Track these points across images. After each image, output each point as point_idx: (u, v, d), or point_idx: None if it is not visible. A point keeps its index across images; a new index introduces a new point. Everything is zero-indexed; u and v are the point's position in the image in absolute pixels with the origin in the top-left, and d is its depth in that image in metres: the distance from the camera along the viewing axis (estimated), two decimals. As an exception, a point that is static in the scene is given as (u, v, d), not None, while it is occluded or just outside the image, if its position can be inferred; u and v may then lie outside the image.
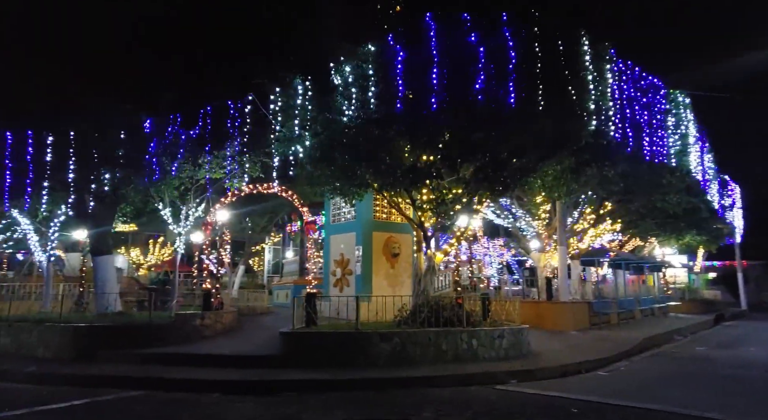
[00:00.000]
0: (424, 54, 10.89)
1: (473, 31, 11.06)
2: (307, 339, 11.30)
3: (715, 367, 12.50)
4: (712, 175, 26.29)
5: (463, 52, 10.93)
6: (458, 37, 11.01)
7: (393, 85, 10.71)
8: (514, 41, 11.11)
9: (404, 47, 10.95)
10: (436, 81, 10.63)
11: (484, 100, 10.62)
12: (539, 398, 8.92)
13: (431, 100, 10.55)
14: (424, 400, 8.71)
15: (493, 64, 10.88)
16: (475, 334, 12.12)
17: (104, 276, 16.04)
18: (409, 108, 10.61)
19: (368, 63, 11.02)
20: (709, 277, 53.38)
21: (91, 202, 14.25)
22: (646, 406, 8.18)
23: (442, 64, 10.83)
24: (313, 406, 8.29)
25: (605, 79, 13.32)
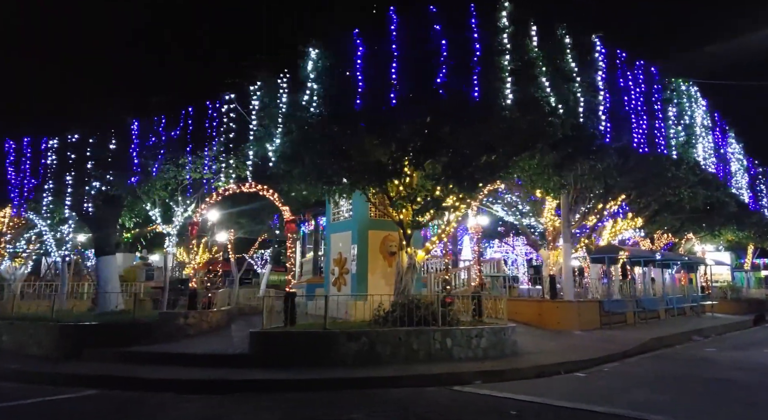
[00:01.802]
0: (386, 48, 10.71)
1: (437, 23, 10.79)
2: (274, 339, 11.31)
3: (710, 369, 11.78)
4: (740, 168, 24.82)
5: (426, 45, 10.69)
6: (422, 30, 10.77)
7: (354, 80, 10.57)
8: (480, 33, 10.78)
9: (366, 41, 10.80)
10: (395, 75, 10.44)
11: (447, 93, 10.33)
12: (488, 399, 8.62)
13: (391, 94, 10.35)
14: (371, 400, 8.55)
15: (456, 57, 10.58)
16: (450, 334, 11.83)
17: (107, 275, 16.58)
18: (370, 103, 10.45)
19: (329, 58, 10.93)
20: (762, 276, 50.66)
21: (87, 204, 14.70)
22: (594, 409, 7.77)
23: (405, 58, 10.64)
24: (254, 406, 8.25)
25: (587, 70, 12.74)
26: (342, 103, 10.60)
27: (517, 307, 18.57)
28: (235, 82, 13.13)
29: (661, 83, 16.55)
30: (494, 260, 28.75)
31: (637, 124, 15.10)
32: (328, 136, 10.77)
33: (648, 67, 16.22)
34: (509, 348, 12.74)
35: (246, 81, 12.93)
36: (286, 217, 13.09)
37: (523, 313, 18.16)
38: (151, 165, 13.53)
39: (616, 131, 13.99)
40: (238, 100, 13.26)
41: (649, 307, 21.97)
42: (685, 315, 25.94)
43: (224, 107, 13.72)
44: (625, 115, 14.60)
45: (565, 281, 17.82)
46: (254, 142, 12.72)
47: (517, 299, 19.59)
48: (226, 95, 13.65)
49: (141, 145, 13.81)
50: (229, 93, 13.58)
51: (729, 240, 41.16)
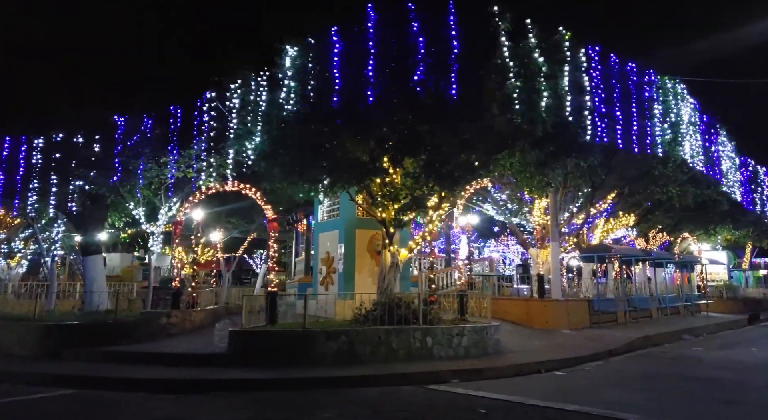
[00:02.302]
0: (364, 45, 10.67)
1: (415, 21, 10.74)
2: (253, 338, 11.26)
3: (693, 368, 11.72)
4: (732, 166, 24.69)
5: (404, 43, 10.64)
6: (399, 28, 10.72)
7: (332, 78, 10.52)
8: (458, 31, 10.72)
9: (344, 39, 10.75)
10: (373, 73, 10.39)
11: (424, 91, 10.28)
12: (460, 398, 8.56)
13: (368, 92, 10.30)
14: (344, 400, 8.50)
15: (434, 55, 10.52)
16: (431, 332, 11.77)
17: (93, 275, 16.55)
18: (347, 100, 10.41)
19: (307, 55, 10.88)
20: (760, 275, 50.48)
21: (71, 203, 14.68)
22: (564, 408, 7.72)
23: (382, 56, 10.59)
24: (225, 406, 8.21)
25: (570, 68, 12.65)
26: (319, 101, 10.56)
27: (506, 306, 18.52)
28: (217, 81, 13.10)
29: (647, 81, 16.45)
30: (487, 259, 28.76)
31: (622, 121, 15.01)
32: (306, 133, 10.72)
33: (633, 65, 16.13)
34: (492, 347, 12.68)
35: (227, 79, 12.89)
36: (268, 216, 13.04)
37: (511, 312, 18.10)
38: (132, 163, 13.50)
39: (599, 129, 13.90)
40: (221, 98, 13.23)
41: (640, 306, 21.85)
42: (679, 314, 25.80)
43: (206, 105, 13.68)
44: (608, 113, 14.50)
45: (553, 280, 17.75)
46: (234, 141, 12.68)
47: (506, 298, 19.52)
48: (207, 93, 13.61)
49: (123, 143, 13.78)
50: (211, 91, 13.54)
51: (727, 239, 41.05)
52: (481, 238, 38.57)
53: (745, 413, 7.67)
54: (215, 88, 13.51)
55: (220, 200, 17.58)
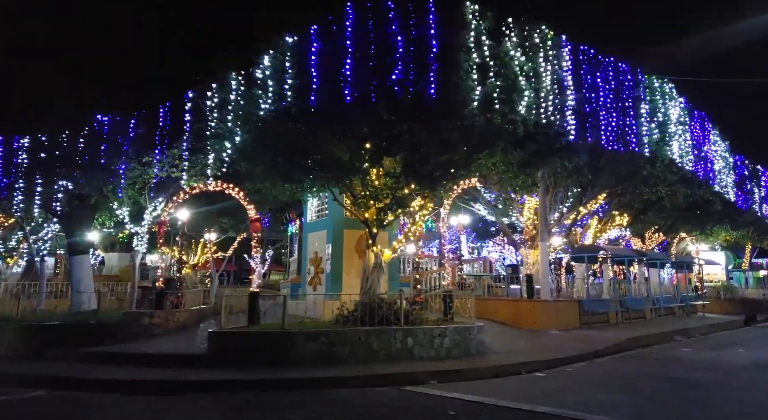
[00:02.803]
0: (342, 45, 10.61)
1: (394, 20, 10.68)
2: (232, 339, 11.21)
3: (676, 369, 11.62)
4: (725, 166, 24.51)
5: (382, 42, 10.58)
6: (378, 27, 10.66)
7: (309, 77, 10.47)
8: (438, 30, 10.66)
9: (322, 38, 10.70)
10: (350, 72, 10.33)
11: (402, 91, 10.22)
12: (433, 400, 8.50)
13: (346, 91, 10.25)
14: (316, 401, 8.45)
15: (413, 54, 10.46)
16: (412, 333, 11.71)
17: (80, 275, 16.53)
18: (325, 100, 10.35)
19: (285, 55, 10.84)
20: (760, 275, 50.22)
21: (56, 203, 14.66)
22: (535, 409, 7.64)
23: (361, 55, 10.53)
24: (196, 407, 8.18)
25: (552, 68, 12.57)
26: (297, 100, 10.50)
27: (495, 306, 18.45)
28: (199, 80, 13.05)
29: (633, 80, 16.34)
30: (481, 259, 28.68)
31: (607, 121, 14.91)
32: (285, 133, 10.67)
33: (619, 64, 16.01)
34: (475, 347, 12.60)
35: (209, 78, 12.84)
36: (250, 216, 13.00)
37: (500, 312, 18.02)
38: (115, 163, 13.46)
39: (583, 129, 13.81)
40: (203, 98, 13.19)
41: (632, 307, 21.71)
42: (674, 315, 25.67)
43: (188, 105, 13.64)
44: (592, 113, 14.41)
45: (542, 280, 17.65)
46: (213, 141, 12.63)
47: (495, 299, 19.45)
48: (190, 93, 13.57)
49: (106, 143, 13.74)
50: (193, 91, 13.50)
51: (727, 239, 40.85)
52: (478, 239, 38.48)
53: (716, 414, 7.58)
54: (197, 88, 13.46)
55: (209, 200, 17.55)
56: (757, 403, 8.29)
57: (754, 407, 7.99)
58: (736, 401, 8.30)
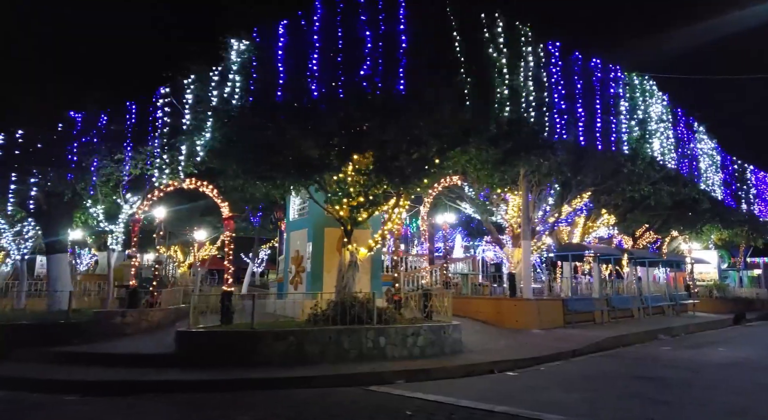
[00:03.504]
0: (310, 39, 10.46)
1: (363, 15, 10.53)
2: (200, 338, 11.06)
3: (649, 367, 11.52)
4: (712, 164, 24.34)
5: (351, 37, 10.43)
6: (347, 22, 10.51)
7: (276, 72, 10.31)
8: (407, 25, 10.51)
9: (291, 33, 10.55)
10: (318, 67, 10.18)
11: (370, 86, 10.07)
12: (394, 399, 8.37)
13: (313, 86, 10.10)
14: (274, 401, 8.32)
15: (382, 50, 10.31)
16: (384, 332, 11.56)
17: (56, 274, 16.35)
18: (292, 95, 10.20)
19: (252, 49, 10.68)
20: (755, 274, 50.12)
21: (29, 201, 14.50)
22: (493, 409, 7.51)
23: (329, 50, 10.38)
24: (151, 408, 8.05)
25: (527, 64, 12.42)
26: (264, 96, 10.35)
27: (478, 305, 18.33)
28: (170, 76, 12.89)
29: (613, 77, 16.18)
30: (470, 258, 28.53)
31: (584, 118, 14.75)
32: (252, 130, 10.52)
33: (597, 61, 15.85)
34: (450, 346, 12.46)
35: (181, 74, 12.68)
36: (224, 214, 12.85)
37: (483, 311, 17.89)
38: (86, 160, 13.29)
39: (558, 126, 13.66)
40: (175, 94, 13.03)
41: (619, 306, 21.60)
42: (663, 314, 25.56)
43: (161, 101, 13.48)
44: (569, 110, 14.24)
45: (524, 279, 17.51)
46: (183, 138, 12.48)
47: (478, 297, 19.34)
48: (162, 89, 13.42)
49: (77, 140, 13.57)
50: (165, 86, 13.35)
51: (722, 238, 40.73)
52: (471, 237, 38.32)
53: (670, 412, 7.47)
54: (169, 84, 13.31)
55: (191, 198, 17.38)
56: (713, 400, 8.19)
57: (708, 405, 7.91)
58: (694, 399, 8.22)
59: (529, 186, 17.30)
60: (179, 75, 12.57)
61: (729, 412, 7.46)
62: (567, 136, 14.01)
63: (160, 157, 13.66)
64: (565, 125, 13.92)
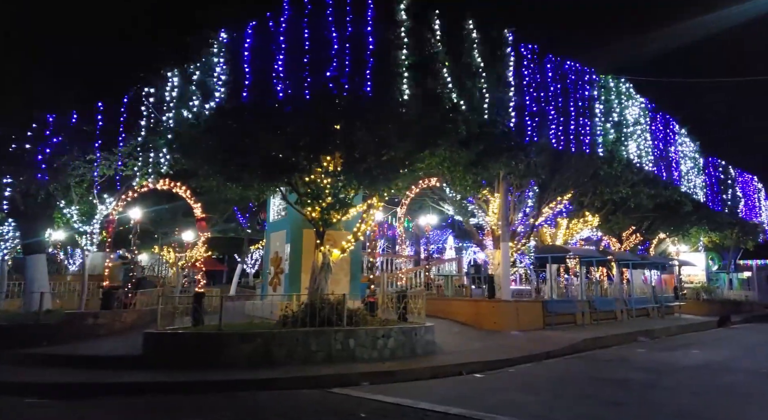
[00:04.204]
0: (276, 40, 10.45)
1: (331, 17, 10.53)
2: (166, 339, 11.02)
3: (618, 369, 11.54)
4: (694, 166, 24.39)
5: (318, 39, 10.42)
6: (313, 24, 10.51)
7: (242, 73, 10.30)
8: (375, 27, 10.51)
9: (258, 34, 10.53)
10: (283, 68, 10.17)
11: (336, 88, 10.07)
12: (352, 401, 8.35)
13: (278, 87, 10.09)
14: (231, 404, 8.29)
15: (349, 51, 10.30)
16: (354, 334, 11.53)
17: (33, 275, 16.22)
18: (258, 97, 10.18)
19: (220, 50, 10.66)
20: (745, 277, 50.27)
21: (5, 203, 14.43)
22: (448, 411, 7.50)
23: (295, 52, 10.37)
24: (106, 411, 8.04)
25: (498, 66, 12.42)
26: (231, 97, 10.34)
27: (458, 307, 18.34)
28: (143, 77, 12.87)
29: (588, 80, 16.19)
30: (455, 259, 28.55)
31: (557, 120, 14.76)
32: (220, 130, 10.50)
33: (571, 64, 15.85)
34: (422, 348, 12.44)
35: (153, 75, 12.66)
36: (197, 215, 12.82)
37: (462, 313, 17.90)
38: (57, 161, 13.23)
39: (532, 129, 13.66)
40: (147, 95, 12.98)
41: (602, 308, 21.61)
42: (648, 316, 25.58)
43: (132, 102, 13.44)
44: (541, 112, 14.24)
45: (503, 281, 17.51)
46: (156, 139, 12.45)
47: (457, 299, 19.33)
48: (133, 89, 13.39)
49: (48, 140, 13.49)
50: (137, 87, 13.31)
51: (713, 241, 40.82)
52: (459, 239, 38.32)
53: (620, 413, 7.50)
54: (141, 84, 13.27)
55: (170, 198, 17.33)
56: (667, 402, 8.22)
57: (660, 406, 7.93)
58: (649, 401, 8.26)
59: (508, 188, 17.30)
60: (151, 75, 12.55)
61: (678, 413, 7.48)
62: (540, 139, 14.01)
63: (131, 158, 13.60)
64: (538, 128, 13.92)
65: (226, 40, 10.88)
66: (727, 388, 9.46)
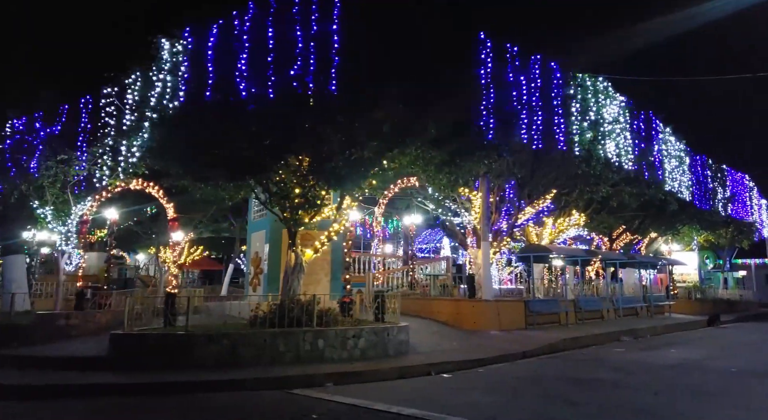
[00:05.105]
0: (242, 39, 10.38)
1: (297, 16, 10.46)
2: (133, 340, 10.94)
3: (588, 369, 11.48)
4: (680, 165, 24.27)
5: (282, 37, 10.35)
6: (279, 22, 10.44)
7: (205, 72, 10.24)
8: (340, 24, 10.44)
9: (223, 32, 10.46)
10: (248, 66, 10.10)
11: (301, 86, 10.00)
12: (309, 402, 8.29)
13: (242, 86, 10.02)
14: (189, 405, 8.25)
15: (314, 50, 10.23)
16: (323, 335, 11.46)
17: (11, 276, 16.21)
18: (222, 95, 10.12)
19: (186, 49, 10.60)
20: (740, 276, 50.21)
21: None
22: (401, 411, 7.43)
23: (260, 50, 10.30)
24: (59, 413, 7.96)
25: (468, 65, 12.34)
26: (195, 96, 10.27)
27: (439, 306, 18.25)
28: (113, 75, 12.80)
29: (563, 78, 16.06)
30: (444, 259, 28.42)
31: (531, 119, 14.66)
32: (184, 129, 10.42)
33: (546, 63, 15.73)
34: (394, 348, 12.37)
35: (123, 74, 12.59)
36: (169, 215, 12.74)
37: (443, 312, 17.81)
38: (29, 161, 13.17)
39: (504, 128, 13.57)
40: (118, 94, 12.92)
41: (587, 308, 21.53)
42: (637, 316, 25.49)
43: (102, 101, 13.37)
44: (513, 111, 14.15)
45: (484, 280, 17.43)
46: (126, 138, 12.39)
47: (439, 299, 19.23)
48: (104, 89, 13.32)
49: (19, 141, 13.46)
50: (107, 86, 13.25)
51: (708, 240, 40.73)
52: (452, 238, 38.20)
53: (573, 412, 7.44)
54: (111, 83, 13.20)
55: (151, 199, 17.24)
56: (624, 401, 8.15)
57: (616, 405, 7.87)
58: (606, 400, 8.23)
59: (490, 187, 17.22)
60: (121, 74, 12.48)
61: (632, 412, 7.42)
62: (513, 138, 13.93)
63: (102, 158, 13.52)
64: (510, 127, 13.83)
65: (190, 38, 10.81)
66: (693, 387, 9.38)
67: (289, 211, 11.90)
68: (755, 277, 47.98)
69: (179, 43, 10.90)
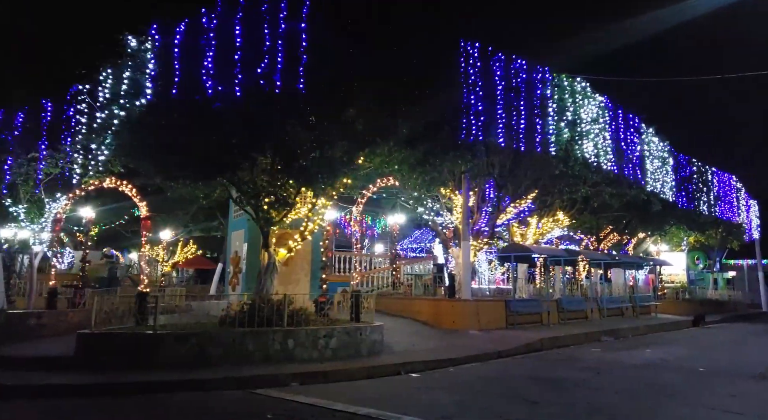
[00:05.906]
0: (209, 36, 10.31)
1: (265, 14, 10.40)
2: (99, 340, 10.85)
3: (559, 369, 11.43)
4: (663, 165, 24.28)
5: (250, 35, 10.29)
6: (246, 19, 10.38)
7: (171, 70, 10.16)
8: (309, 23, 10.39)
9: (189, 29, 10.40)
10: (215, 64, 10.04)
11: (268, 84, 9.94)
12: (267, 402, 8.23)
13: (209, 84, 9.96)
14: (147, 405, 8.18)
15: (282, 48, 10.17)
16: (294, 334, 11.39)
17: (-12, 275, 16.10)
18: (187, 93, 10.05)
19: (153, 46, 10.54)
20: (729, 277, 50.31)
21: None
22: (357, 411, 7.40)
23: (227, 47, 10.24)
24: (11, 415, 7.90)
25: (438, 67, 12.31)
26: (161, 94, 10.20)
27: (419, 306, 18.23)
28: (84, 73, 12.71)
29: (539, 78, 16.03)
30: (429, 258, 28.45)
31: (505, 120, 14.61)
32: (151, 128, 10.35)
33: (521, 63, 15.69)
34: (367, 348, 12.30)
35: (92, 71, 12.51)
36: (142, 214, 12.66)
37: (423, 312, 17.78)
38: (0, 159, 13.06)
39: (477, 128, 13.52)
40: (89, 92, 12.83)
41: (569, 308, 21.52)
42: (622, 316, 25.49)
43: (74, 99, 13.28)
44: (490, 111, 14.11)
45: (464, 280, 17.38)
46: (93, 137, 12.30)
47: (419, 298, 19.22)
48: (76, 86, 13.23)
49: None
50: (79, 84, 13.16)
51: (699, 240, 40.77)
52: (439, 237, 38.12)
53: (529, 412, 7.42)
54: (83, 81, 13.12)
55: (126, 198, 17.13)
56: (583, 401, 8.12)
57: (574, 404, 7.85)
58: (566, 399, 8.21)
59: (470, 186, 17.19)
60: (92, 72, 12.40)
61: (589, 410, 7.39)
62: (488, 138, 13.90)
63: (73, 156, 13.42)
64: (484, 127, 13.79)
65: (158, 36, 10.74)
66: (656, 386, 9.36)
67: (260, 210, 11.83)
68: (747, 278, 48.12)
69: (147, 40, 10.83)
